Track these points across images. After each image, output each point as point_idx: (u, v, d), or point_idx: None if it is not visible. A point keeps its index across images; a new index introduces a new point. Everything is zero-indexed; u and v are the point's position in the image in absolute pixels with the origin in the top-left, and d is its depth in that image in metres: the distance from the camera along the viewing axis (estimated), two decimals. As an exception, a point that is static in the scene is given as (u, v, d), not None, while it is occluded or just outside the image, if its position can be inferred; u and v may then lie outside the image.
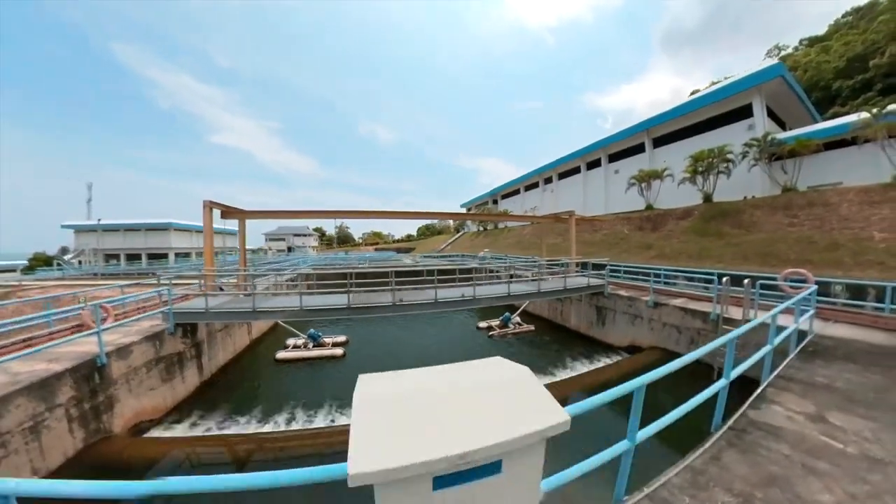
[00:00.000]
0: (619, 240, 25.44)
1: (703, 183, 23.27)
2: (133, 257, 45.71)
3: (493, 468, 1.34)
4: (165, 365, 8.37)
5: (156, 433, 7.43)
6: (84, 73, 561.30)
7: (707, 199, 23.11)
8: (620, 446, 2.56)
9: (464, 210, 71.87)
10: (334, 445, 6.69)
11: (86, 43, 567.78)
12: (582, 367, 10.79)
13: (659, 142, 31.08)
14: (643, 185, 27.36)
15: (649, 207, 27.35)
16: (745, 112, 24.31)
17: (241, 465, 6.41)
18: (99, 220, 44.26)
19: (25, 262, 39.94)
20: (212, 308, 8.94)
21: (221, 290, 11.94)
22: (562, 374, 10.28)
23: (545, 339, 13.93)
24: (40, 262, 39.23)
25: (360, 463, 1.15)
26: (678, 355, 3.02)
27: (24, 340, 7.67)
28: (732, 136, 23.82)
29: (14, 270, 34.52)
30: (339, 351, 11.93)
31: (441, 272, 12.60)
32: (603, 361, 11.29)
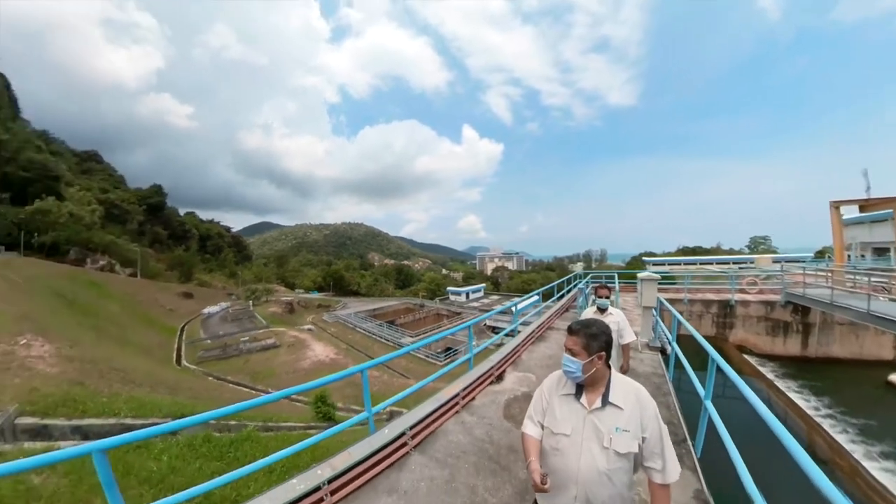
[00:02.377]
0: None
1: None
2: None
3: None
4: (771, 324, 13.03)
5: (749, 357, 12.77)
6: None
7: None
8: None
9: None
10: None
11: None
12: None
13: None
14: None
15: None
16: None
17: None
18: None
19: (811, 255, 48.37)
20: (821, 297, 11.28)
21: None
22: None
23: None
24: (821, 256, 46.07)
25: None
26: None
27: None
28: None
29: (802, 261, 44.30)
30: None
31: None
32: None
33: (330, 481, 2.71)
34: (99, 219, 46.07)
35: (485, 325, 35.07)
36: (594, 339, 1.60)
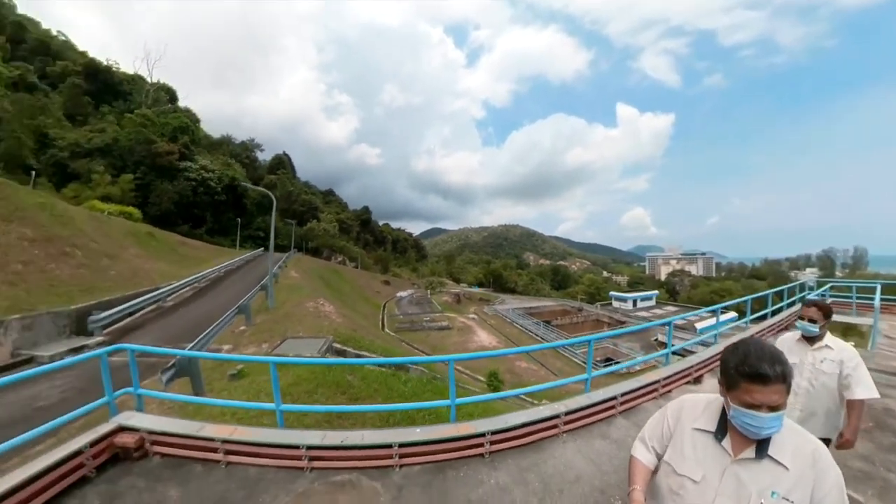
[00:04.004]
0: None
1: None
2: None
3: None
4: None
5: None
6: None
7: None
8: None
9: None
10: None
11: None
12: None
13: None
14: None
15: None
16: None
17: None
18: None
19: None
20: None
21: None
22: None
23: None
24: None
25: None
26: None
27: None
28: None
29: None
30: None
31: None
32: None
33: (565, 414, 3.59)
34: (337, 231, 69.45)
35: (655, 340, 30.25)
36: (791, 379, 1.09)
